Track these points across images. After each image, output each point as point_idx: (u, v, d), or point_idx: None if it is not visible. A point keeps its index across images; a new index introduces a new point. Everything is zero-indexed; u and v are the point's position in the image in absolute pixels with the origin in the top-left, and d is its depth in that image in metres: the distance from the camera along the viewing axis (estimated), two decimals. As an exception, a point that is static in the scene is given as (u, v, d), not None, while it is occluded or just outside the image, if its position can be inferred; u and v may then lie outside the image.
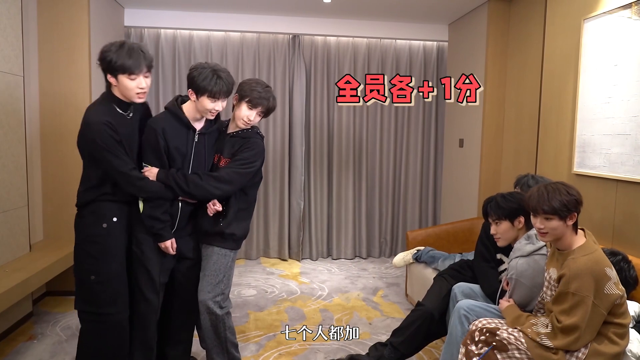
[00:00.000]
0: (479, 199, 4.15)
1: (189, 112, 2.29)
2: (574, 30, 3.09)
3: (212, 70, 2.20)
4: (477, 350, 2.00)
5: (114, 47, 2.06)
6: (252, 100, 2.33)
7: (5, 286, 2.62)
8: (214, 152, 2.43)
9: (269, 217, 5.06)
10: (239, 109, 2.36)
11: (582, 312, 1.81)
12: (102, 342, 2.25)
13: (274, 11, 4.64)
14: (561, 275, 1.90)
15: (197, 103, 2.24)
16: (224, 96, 2.24)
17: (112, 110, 2.13)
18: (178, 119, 2.27)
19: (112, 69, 2.07)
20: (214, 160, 2.43)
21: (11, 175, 3.02)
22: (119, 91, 2.13)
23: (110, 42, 2.10)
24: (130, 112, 2.20)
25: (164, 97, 4.79)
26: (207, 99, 2.21)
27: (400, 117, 5.20)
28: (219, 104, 2.24)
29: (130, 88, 2.09)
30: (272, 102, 2.40)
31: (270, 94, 2.40)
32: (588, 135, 2.93)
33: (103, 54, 2.07)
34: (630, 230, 2.62)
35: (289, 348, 2.96)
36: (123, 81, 2.08)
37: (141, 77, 2.11)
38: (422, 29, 4.97)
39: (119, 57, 2.04)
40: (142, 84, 2.11)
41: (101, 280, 2.18)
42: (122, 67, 2.05)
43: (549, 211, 1.88)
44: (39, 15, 3.56)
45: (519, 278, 2.18)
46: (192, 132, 2.30)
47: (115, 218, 2.21)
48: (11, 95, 3.03)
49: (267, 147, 5.00)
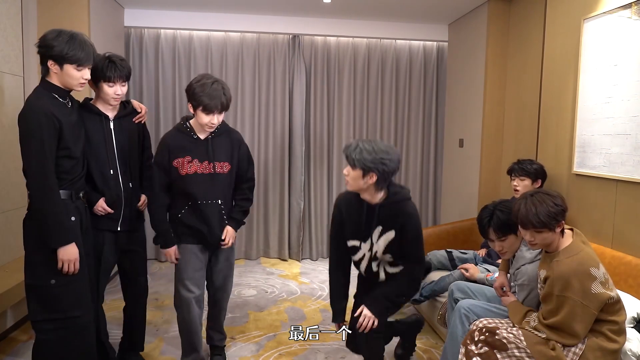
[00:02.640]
0: (479, 199, 4.15)
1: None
2: (574, 30, 3.09)
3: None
4: (477, 350, 2.01)
5: (63, 37, 2.04)
6: (205, 107, 2.34)
7: (5, 286, 2.63)
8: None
9: (269, 217, 5.06)
10: (199, 118, 2.39)
11: (565, 312, 1.86)
12: (67, 351, 2.14)
13: (274, 11, 4.64)
14: (546, 277, 1.95)
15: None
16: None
17: (52, 99, 2.10)
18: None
19: (59, 58, 2.05)
20: (211, 170, 2.48)
21: (11, 175, 3.03)
22: (59, 79, 2.11)
23: (55, 30, 2.07)
24: (69, 101, 2.19)
25: (164, 97, 4.79)
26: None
27: (400, 117, 5.20)
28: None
29: (75, 78, 2.10)
30: (225, 97, 2.39)
31: (219, 90, 2.36)
32: (588, 135, 2.93)
33: (51, 41, 2.03)
34: (630, 230, 2.62)
35: (289, 348, 2.96)
36: (69, 70, 2.08)
37: (86, 69, 2.13)
38: (422, 29, 4.97)
39: (70, 48, 2.04)
40: (87, 75, 2.14)
41: (63, 283, 2.09)
42: (73, 57, 2.05)
43: (539, 226, 1.92)
44: (39, 15, 3.56)
45: (531, 283, 2.18)
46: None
47: (74, 217, 2.14)
48: (11, 95, 3.03)
49: (267, 147, 5.01)
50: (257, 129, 4.98)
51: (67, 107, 2.17)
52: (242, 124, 4.94)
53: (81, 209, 2.23)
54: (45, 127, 2.02)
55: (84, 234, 2.24)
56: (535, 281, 2.15)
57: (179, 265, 2.54)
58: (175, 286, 2.57)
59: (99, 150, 2.36)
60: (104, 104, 2.39)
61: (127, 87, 2.42)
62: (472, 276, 2.84)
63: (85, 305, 2.18)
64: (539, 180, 3.12)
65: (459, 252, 3.36)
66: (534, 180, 3.10)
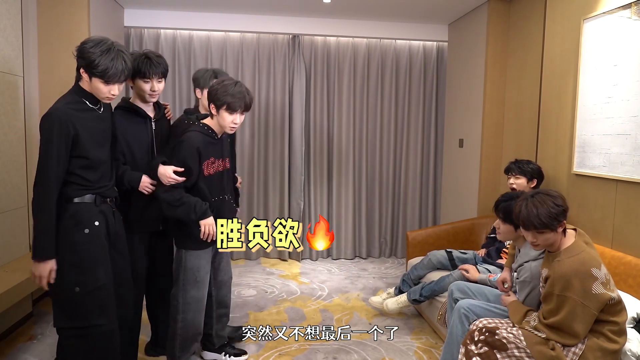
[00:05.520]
0: (479, 199, 4.15)
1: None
2: (574, 30, 3.09)
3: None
4: (476, 350, 2.01)
5: (100, 48, 1.97)
6: (230, 105, 2.33)
7: (5, 286, 2.62)
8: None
9: (268, 217, 5.05)
10: (222, 118, 2.36)
11: (565, 311, 1.86)
12: (91, 358, 2.09)
13: (273, 11, 4.64)
14: (547, 276, 1.96)
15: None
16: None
17: (79, 104, 2.05)
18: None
19: (88, 69, 1.99)
20: (224, 166, 2.52)
21: (11, 175, 3.02)
22: (89, 87, 2.06)
23: (95, 39, 2.00)
24: (100, 106, 2.14)
25: (164, 97, 4.77)
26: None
27: (400, 117, 5.20)
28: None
29: (102, 92, 2.05)
30: (249, 96, 2.39)
31: (243, 91, 2.36)
32: (588, 135, 2.93)
33: (86, 52, 1.97)
34: (630, 230, 2.62)
35: (289, 348, 2.96)
36: (96, 83, 2.02)
37: (115, 85, 2.06)
38: (422, 29, 4.97)
39: (101, 62, 1.96)
40: (115, 92, 2.07)
41: (87, 291, 2.03)
42: (102, 73, 1.98)
43: (540, 227, 1.92)
44: (39, 15, 3.56)
45: (533, 280, 2.19)
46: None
47: (97, 222, 2.09)
48: (11, 95, 3.03)
49: (267, 147, 5.01)
50: (257, 129, 4.98)
51: (96, 113, 2.12)
52: (242, 124, 4.92)
53: (107, 213, 2.16)
54: (57, 132, 1.96)
55: (114, 239, 2.21)
56: (537, 279, 2.15)
57: (194, 268, 2.51)
58: (186, 287, 2.55)
59: (144, 151, 2.40)
60: (142, 102, 2.42)
61: (163, 83, 2.44)
62: (472, 277, 2.84)
63: (108, 314, 2.11)
64: (535, 180, 3.15)
65: (459, 252, 3.36)
66: (529, 180, 3.14)
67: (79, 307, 2.05)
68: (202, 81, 2.78)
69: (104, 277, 2.10)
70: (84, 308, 2.05)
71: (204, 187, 2.42)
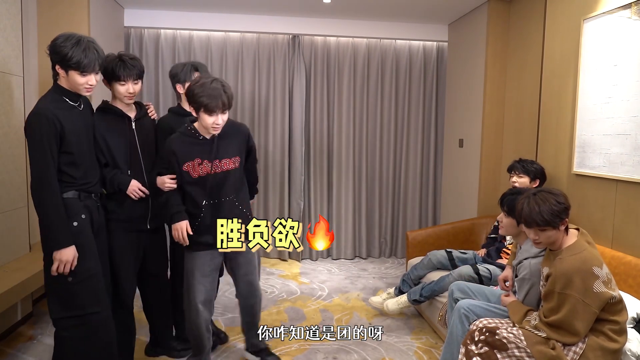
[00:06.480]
0: (479, 199, 4.15)
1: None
2: (574, 30, 3.09)
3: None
4: (477, 350, 2.01)
5: (70, 42, 2.04)
6: (207, 106, 2.27)
7: (5, 286, 2.62)
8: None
9: (269, 217, 5.05)
10: (202, 119, 2.32)
11: (566, 310, 1.86)
12: (88, 346, 2.17)
13: (273, 11, 4.64)
14: (549, 274, 1.95)
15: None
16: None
17: (61, 102, 2.12)
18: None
19: (63, 63, 2.06)
20: (221, 168, 2.45)
21: (11, 175, 3.02)
22: (67, 83, 2.13)
23: (64, 35, 2.08)
24: (80, 103, 2.21)
25: (164, 97, 4.79)
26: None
27: (400, 117, 5.20)
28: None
29: (80, 83, 2.11)
30: (226, 95, 2.30)
31: (219, 89, 2.28)
32: (588, 135, 2.93)
33: (58, 47, 2.05)
34: (630, 230, 2.62)
35: (289, 348, 2.96)
36: (73, 76, 2.09)
37: (92, 75, 2.12)
38: (422, 29, 4.97)
39: (74, 54, 2.04)
40: (92, 82, 2.13)
41: (79, 280, 2.12)
42: (77, 64, 2.05)
43: (542, 224, 1.92)
44: (39, 15, 3.56)
45: (532, 278, 2.19)
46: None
47: (84, 215, 2.17)
48: (11, 95, 3.03)
49: (267, 147, 5.01)
50: (257, 129, 4.98)
51: (77, 110, 2.18)
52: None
53: (92, 207, 2.23)
54: (45, 130, 2.02)
55: (97, 232, 2.26)
56: (536, 276, 2.15)
57: (188, 269, 2.51)
58: (190, 289, 2.54)
59: (122, 151, 2.40)
60: (121, 103, 2.43)
61: (140, 85, 2.43)
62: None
63: (103, 302, 2.21)
64: (537, 180, 3.15)
65: (458, 252, 3.36)
66: (532, 179, 3.14)
67: (74, 296, 2.14)
68: (183, 75, 2.71)
69: (94, 266, 2.18)
70: (79, 297, 2.14)
71: (191, 190, 2.41)
